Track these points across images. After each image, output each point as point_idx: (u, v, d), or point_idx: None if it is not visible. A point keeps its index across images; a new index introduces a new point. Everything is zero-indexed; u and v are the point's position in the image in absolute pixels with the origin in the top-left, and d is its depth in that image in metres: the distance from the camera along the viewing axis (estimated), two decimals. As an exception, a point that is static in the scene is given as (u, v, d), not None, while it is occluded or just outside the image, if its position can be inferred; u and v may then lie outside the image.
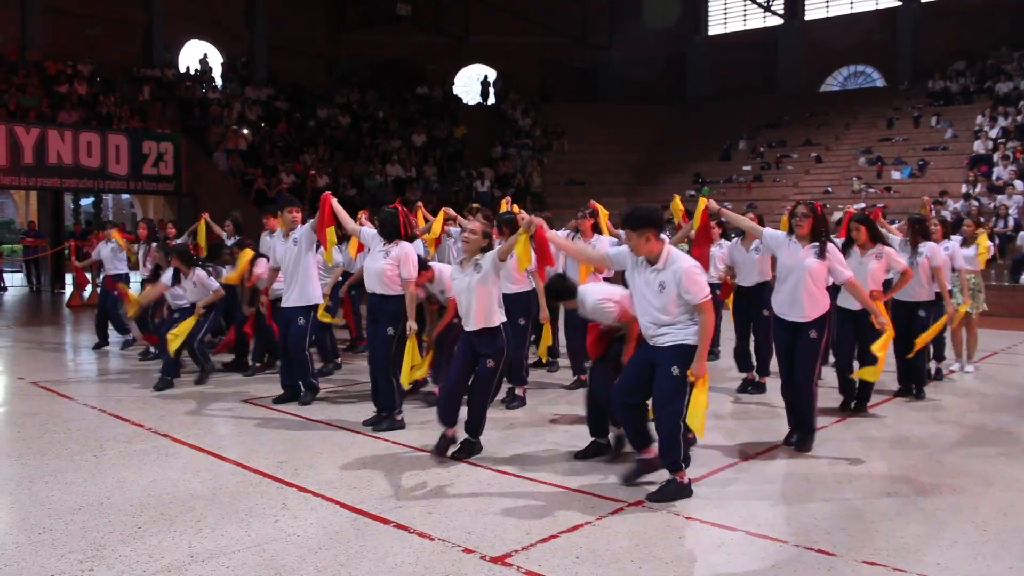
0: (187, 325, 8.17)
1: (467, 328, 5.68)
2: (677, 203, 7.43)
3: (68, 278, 19.24)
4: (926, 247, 7.72)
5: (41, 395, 7.79)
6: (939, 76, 26.09)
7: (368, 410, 6.87)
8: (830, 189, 23.00)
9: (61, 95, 21.20)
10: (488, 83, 32.75)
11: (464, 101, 32.37)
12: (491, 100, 32.50)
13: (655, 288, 4.81)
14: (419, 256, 6.81)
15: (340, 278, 9.09)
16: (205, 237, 10.85)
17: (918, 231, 7.83)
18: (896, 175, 22.80)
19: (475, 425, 5.74)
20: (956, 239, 9.11)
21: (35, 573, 3.76)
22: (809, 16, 31.43)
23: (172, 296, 8.64)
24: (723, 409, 7.32)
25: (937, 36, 27.66)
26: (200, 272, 8.41)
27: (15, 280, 21.56)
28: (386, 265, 6.43)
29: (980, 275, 9.49)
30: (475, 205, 9.38)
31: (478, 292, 5.56)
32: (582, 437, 5.82)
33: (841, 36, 29.91)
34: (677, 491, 4.78)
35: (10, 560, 3.90)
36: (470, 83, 33.68)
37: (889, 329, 5.74)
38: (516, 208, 8.35)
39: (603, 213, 8.23)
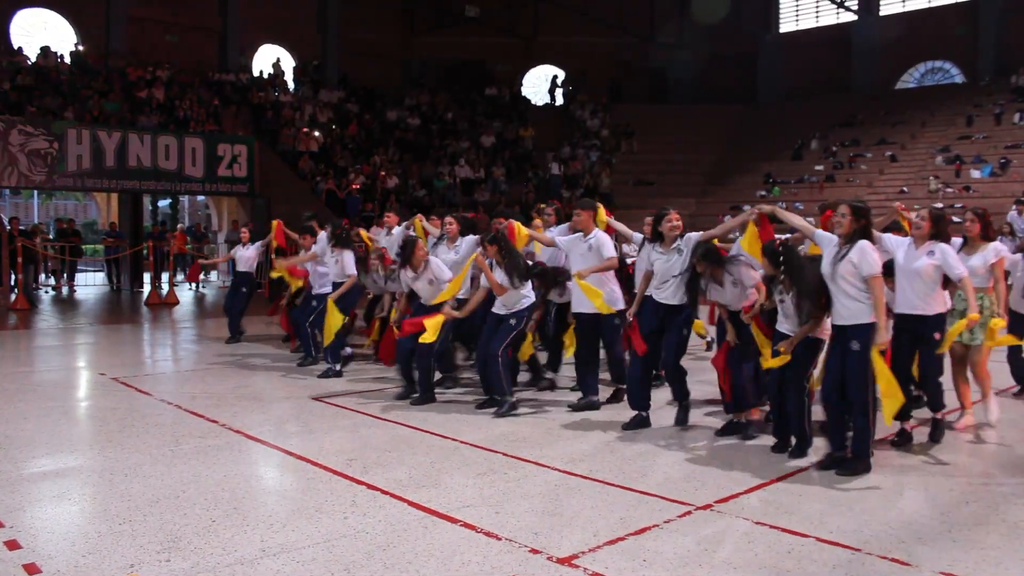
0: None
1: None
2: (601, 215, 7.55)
3: (147, 277, 19.80)
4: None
5: (121, 390, 8.03)
6: (1023, 71, 25.21)
7: (435, 412, 7.04)
8: (905, 189, 22.42)
9: (141, 100, 21.85)
10: (555, 83, 32.72)
11: (533, 102, 32.41)
12: (559, 100, 32.47)
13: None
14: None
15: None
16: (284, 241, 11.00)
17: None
18: (976, 174, 22.12)
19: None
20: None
21: (115, 562, 3.87)
22: (884, 11, 30.68)
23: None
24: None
25: (1021, 29, 26.74)
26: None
27: (96, 279, 22.27)
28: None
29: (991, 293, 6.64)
30: (541, 206, 9.41)
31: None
32: (650, 436, 5.75)
33: (918, 31, 29.15)
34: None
35: (92, 548, 4.03)
36: (539, 84, 33.70)
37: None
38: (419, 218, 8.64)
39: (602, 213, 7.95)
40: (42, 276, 20.45)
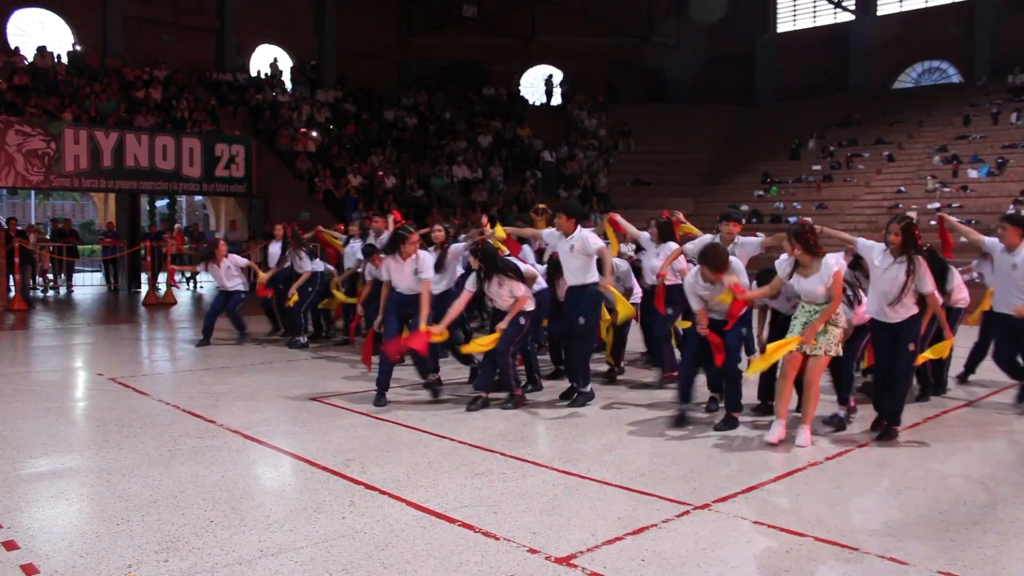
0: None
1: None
2: (500, 231, 8.09)
3: (144, 277, 19.76)
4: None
5: (119, 391, 8.03)
6: (1020, 71, 25.22)
7: (433, 412, 7.02)
8: (903, 188, 22.46)
9: (138, 100, 21.83)
10: (551, 83, 32.70)
11: (530, 102, 32.41)
12: (555, 100, 32.47)
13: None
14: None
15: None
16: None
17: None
18: (973, 174, 22.14)
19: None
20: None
21: (113, 562, 3.87)
22: (881, 11, 30.69)
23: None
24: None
25: (1018, 29, 26.76)
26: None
27: (94, 279, 22.22)
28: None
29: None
30: (541, 206, 9.48)
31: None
32: (648, 435, 5.75)
33: (915, 31, 29.15)
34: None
35: (90, 549, 4.03)
36: (536, 84, 33.70)
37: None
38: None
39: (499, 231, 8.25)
40: (38, 277, 20.42)
